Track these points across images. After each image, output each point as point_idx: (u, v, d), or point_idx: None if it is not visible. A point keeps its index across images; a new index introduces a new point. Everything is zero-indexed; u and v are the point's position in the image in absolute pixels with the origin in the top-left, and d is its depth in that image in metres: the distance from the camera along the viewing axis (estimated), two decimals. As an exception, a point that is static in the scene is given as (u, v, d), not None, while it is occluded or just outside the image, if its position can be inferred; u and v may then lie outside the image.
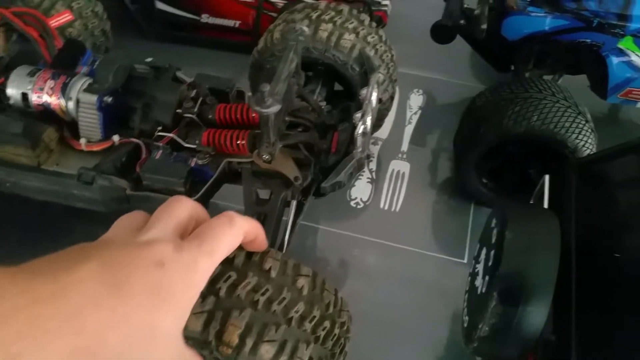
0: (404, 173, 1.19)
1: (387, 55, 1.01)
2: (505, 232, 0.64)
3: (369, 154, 0.85)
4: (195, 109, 0.85)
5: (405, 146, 1.25)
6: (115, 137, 0.84)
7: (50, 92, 0.83)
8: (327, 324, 0.56)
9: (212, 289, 0.48)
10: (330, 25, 0.94)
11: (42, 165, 0.83)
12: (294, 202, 0.81)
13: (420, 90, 1.38)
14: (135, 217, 0.38)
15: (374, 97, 0.83)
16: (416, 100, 1.36)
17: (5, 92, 0.84)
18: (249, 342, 0.49)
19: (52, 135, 0.84)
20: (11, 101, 0.84)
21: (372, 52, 0.95)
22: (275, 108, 0.69)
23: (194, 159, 0.81)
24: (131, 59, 0.88)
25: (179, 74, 0.90)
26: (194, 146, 0.82)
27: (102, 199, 0.82)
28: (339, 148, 0.84)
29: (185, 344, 0.36)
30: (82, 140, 0.84)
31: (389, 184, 1.17)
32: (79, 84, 0.83)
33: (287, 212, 0.81)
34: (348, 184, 0.92)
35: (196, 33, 1.42)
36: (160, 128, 0.84)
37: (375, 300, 0.97)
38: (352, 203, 1.14)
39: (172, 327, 0.34)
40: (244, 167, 0.82)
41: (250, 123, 0.84)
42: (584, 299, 0.62)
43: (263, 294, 0.51)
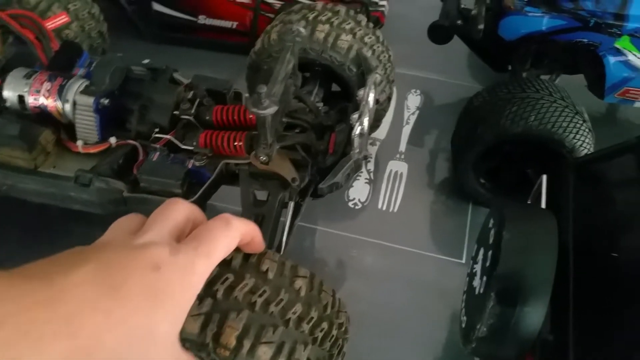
0: (401, 173, 1.19)
1: (384, 56, 1.01)
2: (503, 232, 0.64)
3: (367, 154, 0.85)
4: (193, 111, 0.85)
5: (403, 146, 1.25)
6: (112, 139, 0.84)
7: (46, 95, 0.82)
8: (325, 325, 0.55)
9: (209, 291, 0.48)
10: (327, 26, 0.94)
11: (39, 168, 0.83)
12: (291, 203, 0.81)
13: (418, 91, 1.38)
14: (132, 219, 0.38)
15: (371, 98, 0.83)
16: (414, 100, 1.36)
17: (1, 94, 0.84)
18: (247, 344, 0.49)
19: (48, 137, 0.84)
20: (7, 104, 0.84)
21: (369, 53, 0.95)
22: (273, 109, 0.69)
23: (191, 161, 0.81)
24: (128, 61, 0.88)
25: (176, 75, 0.91)
26: (191, 148, 0.82)
27: (99, 201, 0.82)
28: (337, 149, 0.84)
29: (182, 346, 0.36)
30: (79, 143, 0.84)
31: (387, 185, 1.17)
32: (76, 86, 0.83)
33: (285, 214, 0.81)
34: (346, 184, 0.92)
35: (193, 34, 1.41)
36: (157, 130, 0.84)
37: (374, 300, 0.97)
38: (350, 204, 1.14)
39: (169, 329, 0.34)
40: (241, 168, 0.81)
41: (247, 124, 0.84)
42: (581, 299, 0.62)
43: (260, 296, 0.51)
